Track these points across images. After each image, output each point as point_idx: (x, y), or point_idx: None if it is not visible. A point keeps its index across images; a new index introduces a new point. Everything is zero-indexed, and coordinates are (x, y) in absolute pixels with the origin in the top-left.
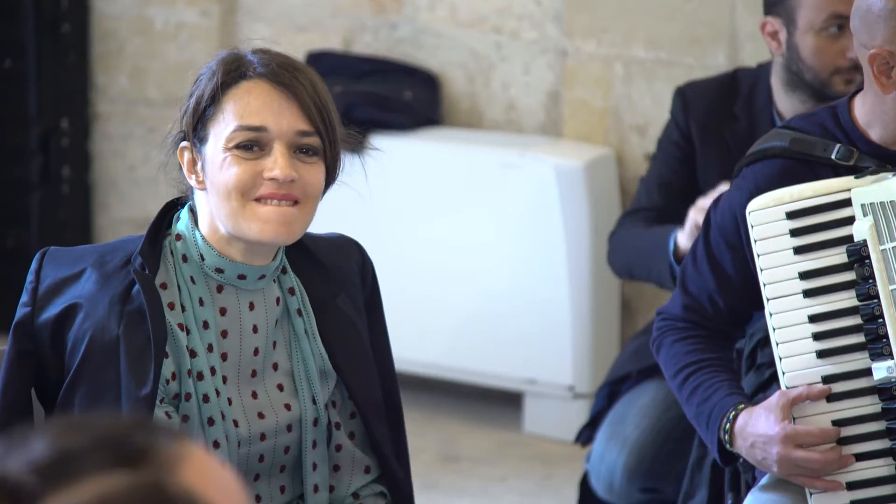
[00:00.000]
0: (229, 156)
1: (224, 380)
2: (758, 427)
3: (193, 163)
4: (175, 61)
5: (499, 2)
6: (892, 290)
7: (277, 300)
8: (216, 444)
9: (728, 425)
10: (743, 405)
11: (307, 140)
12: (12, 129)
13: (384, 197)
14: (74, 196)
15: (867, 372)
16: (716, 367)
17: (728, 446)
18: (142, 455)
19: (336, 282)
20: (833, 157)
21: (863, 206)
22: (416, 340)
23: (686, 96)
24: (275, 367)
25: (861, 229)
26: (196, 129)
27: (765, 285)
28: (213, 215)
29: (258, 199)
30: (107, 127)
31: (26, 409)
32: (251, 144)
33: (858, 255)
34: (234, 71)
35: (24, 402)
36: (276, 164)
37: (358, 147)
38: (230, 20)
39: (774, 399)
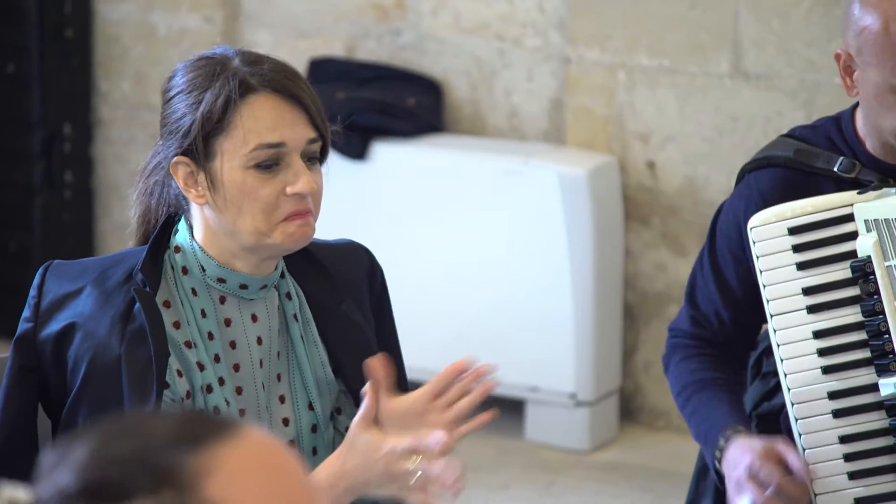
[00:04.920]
0: (250, 175)
1: (239, 391)
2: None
3: (191, 176)
4: None
5: (502, 9)
6: None
7: (278, 308)
8: None
9: (723, 442)
10: (740, 428)
11: (314, 147)
12: (15, 133)
13: (386, 203)
14: (77, 201)
15: (873, 388)
16: (718, 387)
17: (718, 464)
18: (164, 478)
19: (341, 287)
20: (836, 169)
21: (866, 221)
22: (417, 346)
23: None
24: (278, 378)
25: (865, 245)
26: (205, 144)
27: (768, 301)
28: (215, 229)
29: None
30: (109, 132)
31: (29, 422)
32: (271, 162)
33: (863, 271)
34: (240, 86)
35: (27, 416)
36: (298, 178)
37: (339, 141)
38: (233, 26)
39: (769, 444)
